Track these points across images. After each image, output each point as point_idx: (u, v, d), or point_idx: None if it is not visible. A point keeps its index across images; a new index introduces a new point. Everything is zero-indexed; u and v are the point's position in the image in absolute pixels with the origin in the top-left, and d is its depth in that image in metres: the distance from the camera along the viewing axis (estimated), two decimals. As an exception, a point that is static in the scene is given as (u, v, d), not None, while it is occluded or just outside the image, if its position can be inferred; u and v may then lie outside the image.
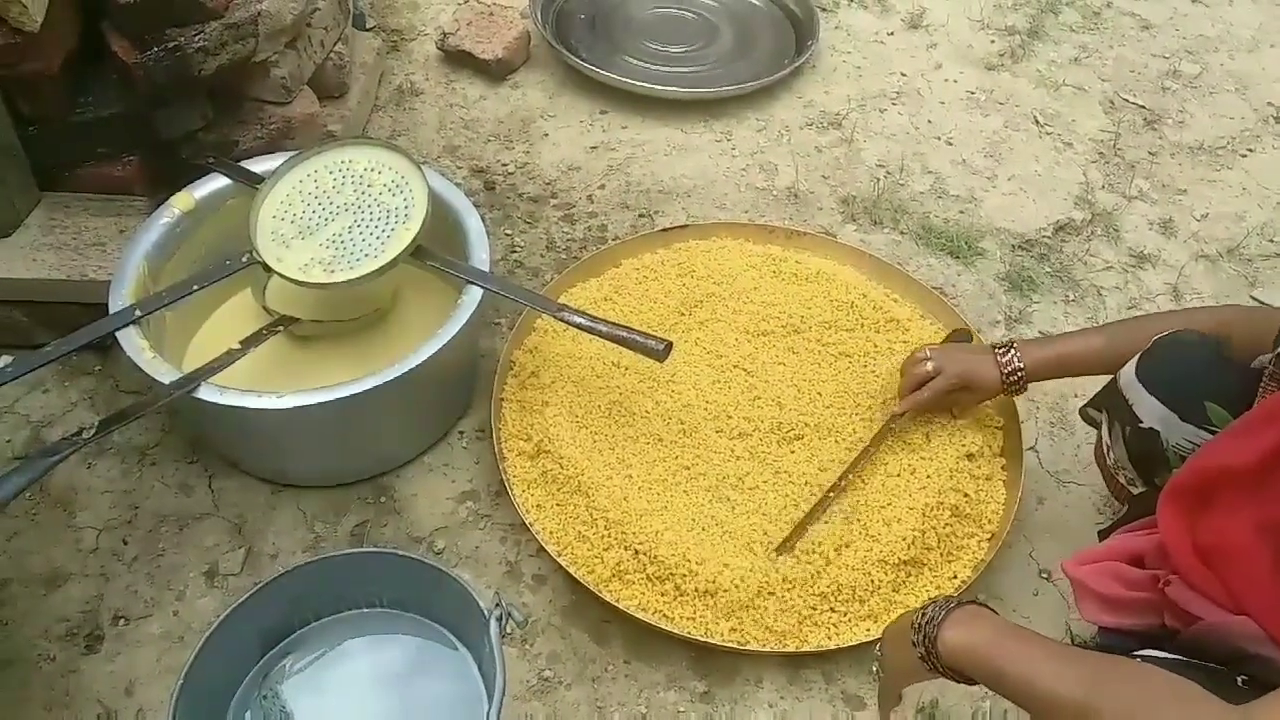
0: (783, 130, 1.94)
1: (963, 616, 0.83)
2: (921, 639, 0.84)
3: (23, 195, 1.42)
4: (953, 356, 1.33)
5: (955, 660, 0.82)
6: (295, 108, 1.57)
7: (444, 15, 2.08)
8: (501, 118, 1.92)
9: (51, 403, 1.42)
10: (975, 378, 1.28)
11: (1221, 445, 0.90)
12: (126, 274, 1.29)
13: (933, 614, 0.84)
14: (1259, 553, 0.79)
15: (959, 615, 0.83)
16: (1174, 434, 1.02)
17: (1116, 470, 1.13)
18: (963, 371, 1.30)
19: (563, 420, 1.37)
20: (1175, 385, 1.03)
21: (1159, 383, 1.04)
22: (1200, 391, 1.00)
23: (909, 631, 0.86)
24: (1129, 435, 1.08)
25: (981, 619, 0.83)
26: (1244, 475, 0.82)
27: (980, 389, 1.29)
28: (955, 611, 0.83)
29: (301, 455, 1.33)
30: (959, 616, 0.83)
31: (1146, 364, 1.07)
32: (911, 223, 1.78)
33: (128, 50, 1.37)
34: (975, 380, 1.29)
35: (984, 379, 1.28)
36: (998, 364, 1.26)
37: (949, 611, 0.83)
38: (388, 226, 1.34)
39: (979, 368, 1.28)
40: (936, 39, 2.18)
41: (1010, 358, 1.26)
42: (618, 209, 1.78)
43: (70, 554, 1.28)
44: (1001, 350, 1.27)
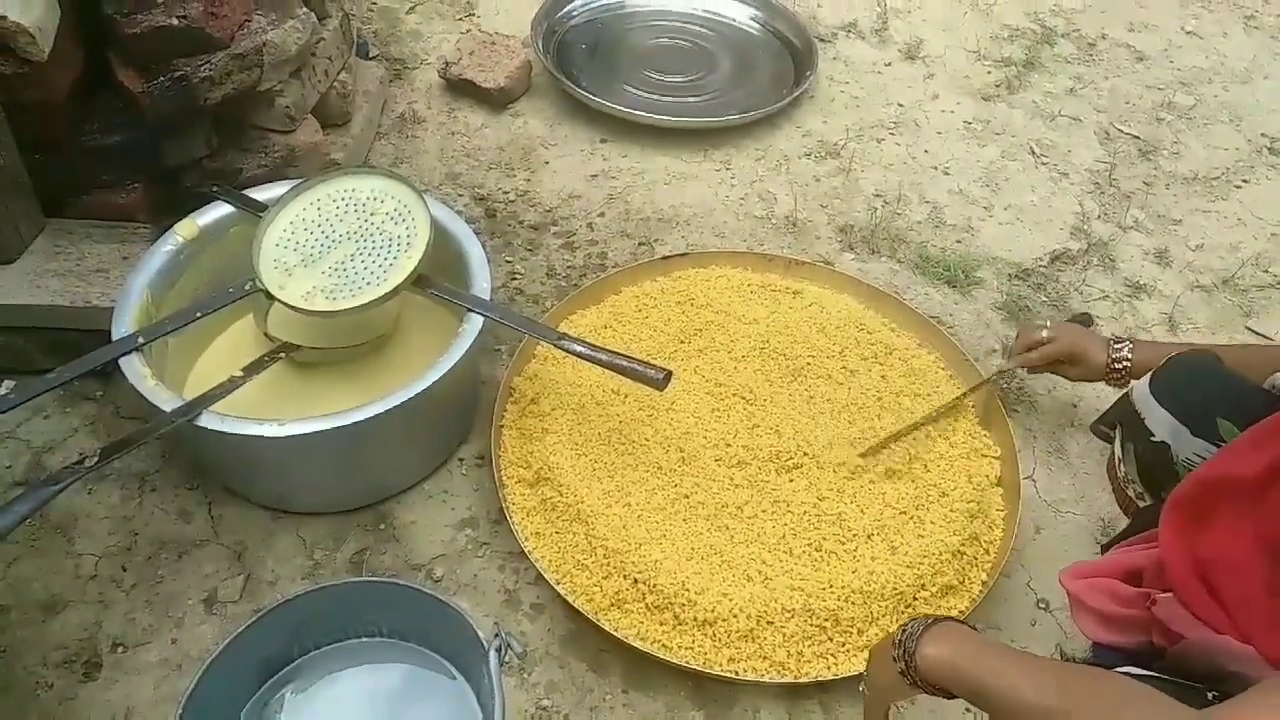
0: (781, 159, 1.96)
1: (940, 632, 0.84)
2: (901, 654, 0.85)
3: (27, 221, 1.43)
4: (1068, 329, 1.41)
5: (934, 674, 0.83)
6: (299, 136, 1.58)
7: (446, 44, 2.11)
8: (503, 145, 1.94)
9: (53, 428, 1.43)
10: (1083, 354, 1.36)
11: (1225, 458, 0.91)
12: (129, 301, 1.30)
13: (912, 630, 0.86)
14: (1254, 566, 0.80)
15: (936, 631, 0.84)
16: (1184, 448, 1.04)
17: (1126, 484, 1.14)
18: (1074, 343, 1.37)
19: (562, 448, 1.37)
20: (1188, 399, 1.05)
21: (1172, 396, 1.06)
22: (1213, 407, 1.02)
23: (890, 648, 0.87)
24: (1140, 449, 1.10)
25: (958, 634, 0.84)
26: (1245, 488, 0.84)
27: (1085, 366, 1.36)
28: (933, 627, 0.85)
29: (301, 482, 1.34)
30: (936, 632, 0.84)
31: (1161, 378, 1.09)
32: (909, 252, 1.79)
33: (134, 79, 1.39)
34: (1083, 357, 1.36)
35: (1092, 358, 1.35)
36: (1109, 350, 1.32)
37: (927, 628, 0.85)
38: (390, 255, 1.35)
39: (1090, 347, 1.35)
40: (934, 70, 2.20)
41: (1122, 349, 1.32)
42: (618, 237, 1.79)
43: (69, 581, 1.27)
44: (1117, 343, 1.33)
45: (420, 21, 2.19)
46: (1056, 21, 2.35)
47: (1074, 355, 1.36)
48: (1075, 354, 1.36)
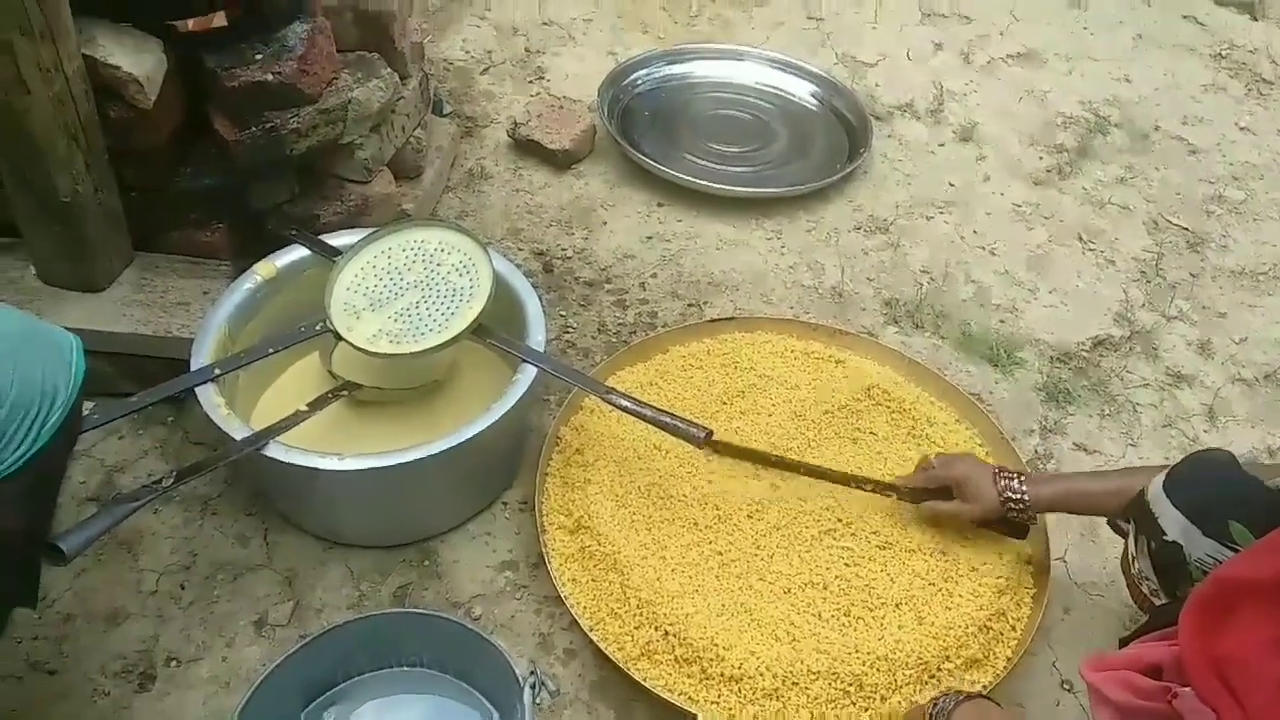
0: (831, 232, 2.02)
1: (970, 710, 0.86)
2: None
3: (119, 254, 1.53)
4: (962, 460, 1.38)
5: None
6: (374, 187, 1.68)
7: (516, 106, 2.21)
8: (564, 205, 2.02)
9: (125, 449, 1.51)
10: (970, 487, 1.33)
11: (1246, 559, 0.93)
12: (208, 334, 1.39)
13: (943, 705, 0.87)
14: (1273, 668, 0.81)
15: (967, 708, 0.86)
16: (1196, 548, 1.06)
17: (1140, 580, 1.16)
18: (964, 474, 1.34)
19: (603, 498, 1.42)
20: (1199, 500, 1.07)
21: (1184, 496, 1.08)
22: (1224, 509, 1.04)
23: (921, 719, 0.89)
24: (1154, 547, 1.11)
25: (988, 714, 0.86)
26: (1265, 589, 0.86)
27: (975, 500, 1.33)
28: (964, 704, 0.86)
29: (354, 515, 1.40)
30: (967, 709, 0.86)
31: (1174, 478, 1.11)
32: (952, 329, 1.83)
33: (228, 128, 1.49)
34: (969, 490, 1.33)
35: (980, 492, 1.32)
36: (996, 482, 1.31)
37: (958, 704, 0.86)
38: (453, 304, 1.42)
39: (979, 480, 1.32)
40: (986, 152, 2.26)
41: (1009, 483, 1.30)
42: (668, 298, 1.85)
43: (131, 594, 1.35)
44: (1006, 475, 1.31)
45: (493, 83, 2.30)
46: (1110, 111, 2.40)
47: (961, 485, 1.34)
48: (962, 484, 1.34)
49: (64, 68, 1.30)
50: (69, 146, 1.35)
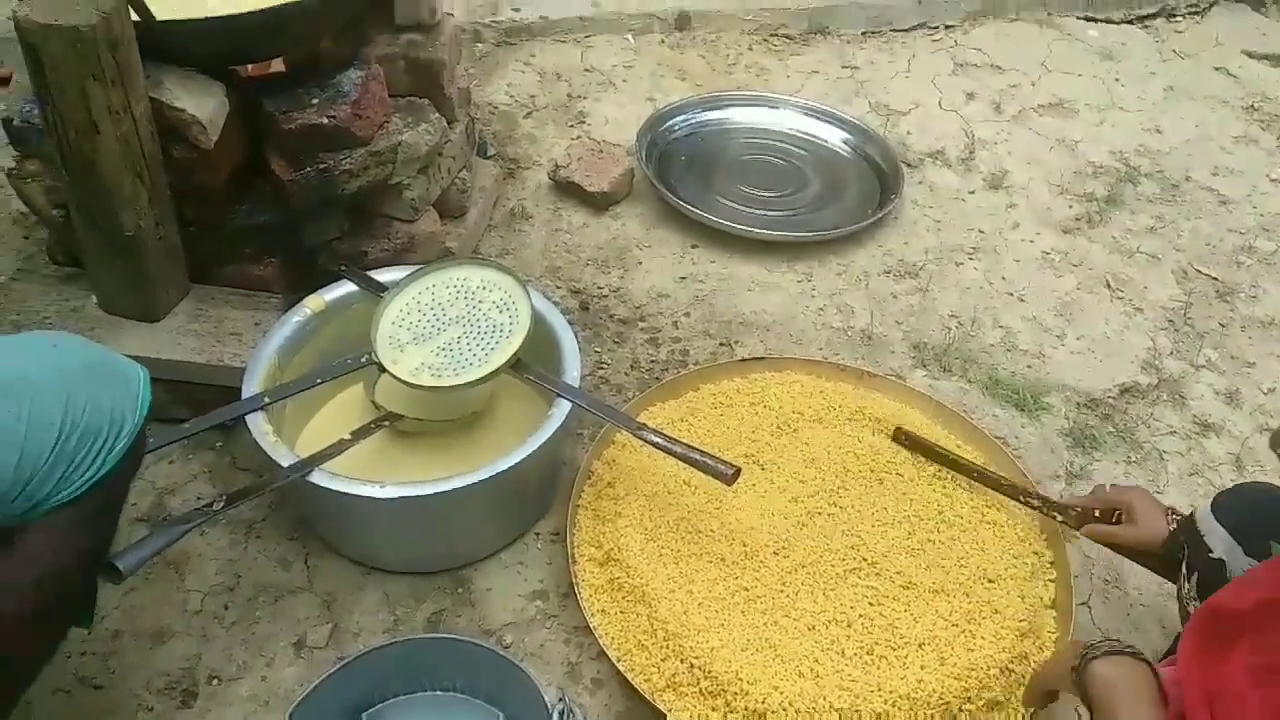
0: (861, 275, 2.06)
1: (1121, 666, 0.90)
2: None
3: (176, 286, 1.60)
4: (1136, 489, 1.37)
5: None
6: (420, 225, 1.74)
7: (558, 149, 2.28)
8: (601, 244, 2.08)
9: (175, 472, 1.57)
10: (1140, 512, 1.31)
11: (1232, 588, 0.96)
12: (259, 364, 1.45)
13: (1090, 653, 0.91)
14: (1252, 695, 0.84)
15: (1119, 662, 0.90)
16: (1238, 566, 1.08)
17: (1188, 601, 1.18)
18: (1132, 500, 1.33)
19: (633, 531, 1.46)
20: (1246, 519, 1.10)
21: (1231, 516, 1.12)
22: (1267, 528, 1.06)
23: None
24: (1201, 565, 1.14)
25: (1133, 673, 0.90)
26: (1246, 619, 0.88)
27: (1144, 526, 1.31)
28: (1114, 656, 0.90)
29: (392, 542, 1.45)
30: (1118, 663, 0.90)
31: (1223, 497, 1.15)
32: (979, 373, 1.86)
33: (284, 168, 1.56)
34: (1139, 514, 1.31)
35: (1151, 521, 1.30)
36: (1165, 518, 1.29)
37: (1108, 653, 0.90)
38: (492, 340, 1.48)
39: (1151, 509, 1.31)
40: (1016, 200, 2.29)
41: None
42: (700, 336, 1.90)
43: (177, 613, 1.40)
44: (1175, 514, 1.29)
45: (535, 126, 2.37)
46: (1141, 161, 2.43)
47: (1131, 509, 1.33)
48: (1133, 508, 1.33)
49: (132, 110, 1.38)
50: (134, 184, 1.43)
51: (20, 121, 1.51)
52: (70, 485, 0.92)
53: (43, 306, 1.59)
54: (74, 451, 0.91)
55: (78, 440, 0.92)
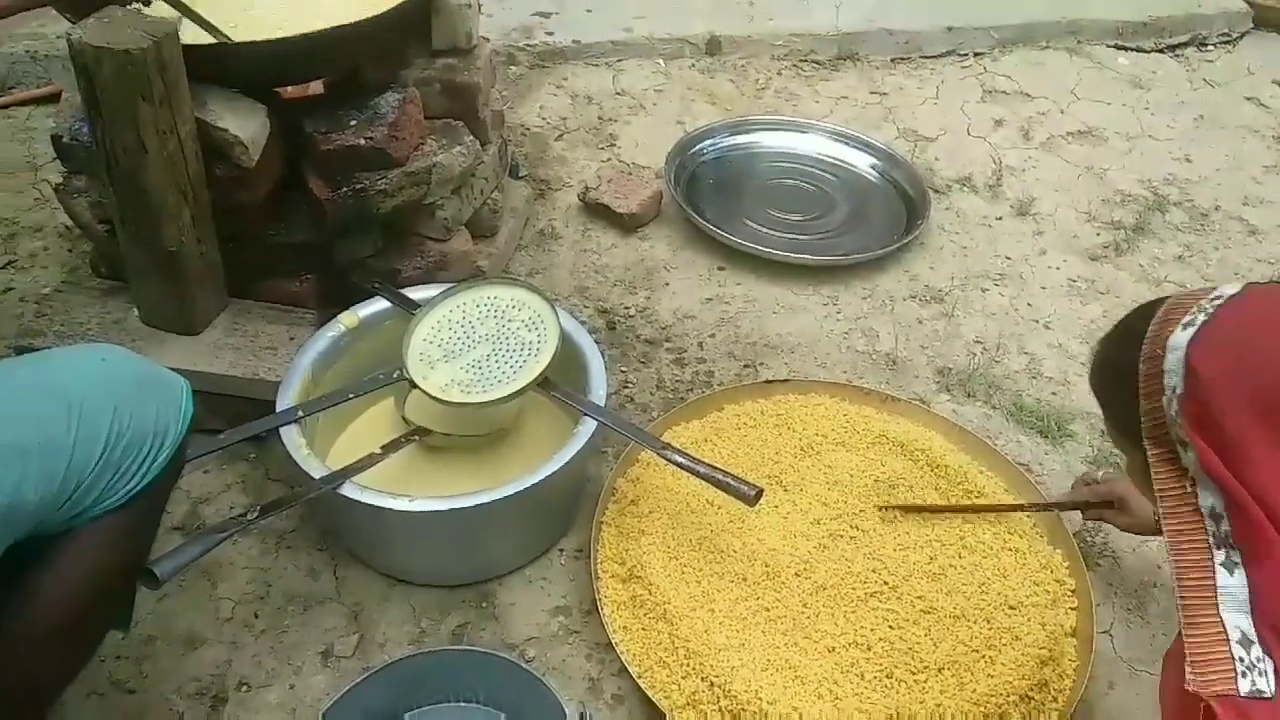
0: (887, 300, 2.07)
1: None
2: None
3: (215, 301, 1.65)
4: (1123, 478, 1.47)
5: None
6: (452, 244, 1.78)
7: (588, 171, 2.31)
8: (629, 265, 2.11)
9: (210, 482, 1.61)
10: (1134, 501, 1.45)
11: None
12: (293, 378, 1.49)
13: None
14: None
15: None
16: None
17: None
18: (1126, 490, 1.46)
19: (655, 549, 1.48)
20: None
21: None
22: None
23: None
24: None
25: None
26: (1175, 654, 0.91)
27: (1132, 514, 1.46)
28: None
29: (419, 555, 1.48)
30: None
31: None
32: (1004, 399, 1.86)
33: (321, 188, 1.60)
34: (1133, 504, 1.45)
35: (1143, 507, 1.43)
36: None
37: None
38: (521, 358, 1.50)
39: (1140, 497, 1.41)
40: (1043, 227, 2.30)
41: None
42: (725, 358, 1.92)
43: (209, 620, 1.43)
44: None
45: (566, 149, 2.41)
46: (1170, 190, 2.43)
47: (1122, 500, 1.46)
48: (1124, 499, 1.46)
49: (178, 130, 1.42)
50: (178, 202, 1.47)
51: (69, 139, 1.56)
52: (114, 493, 0.95)
53: (86, 318, 1.63)
54: (119, 461, 0.95)
55: (123, 450, 0.95)
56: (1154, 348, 0.92)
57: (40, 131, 2.30)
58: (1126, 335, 0.97)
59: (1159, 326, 0.92)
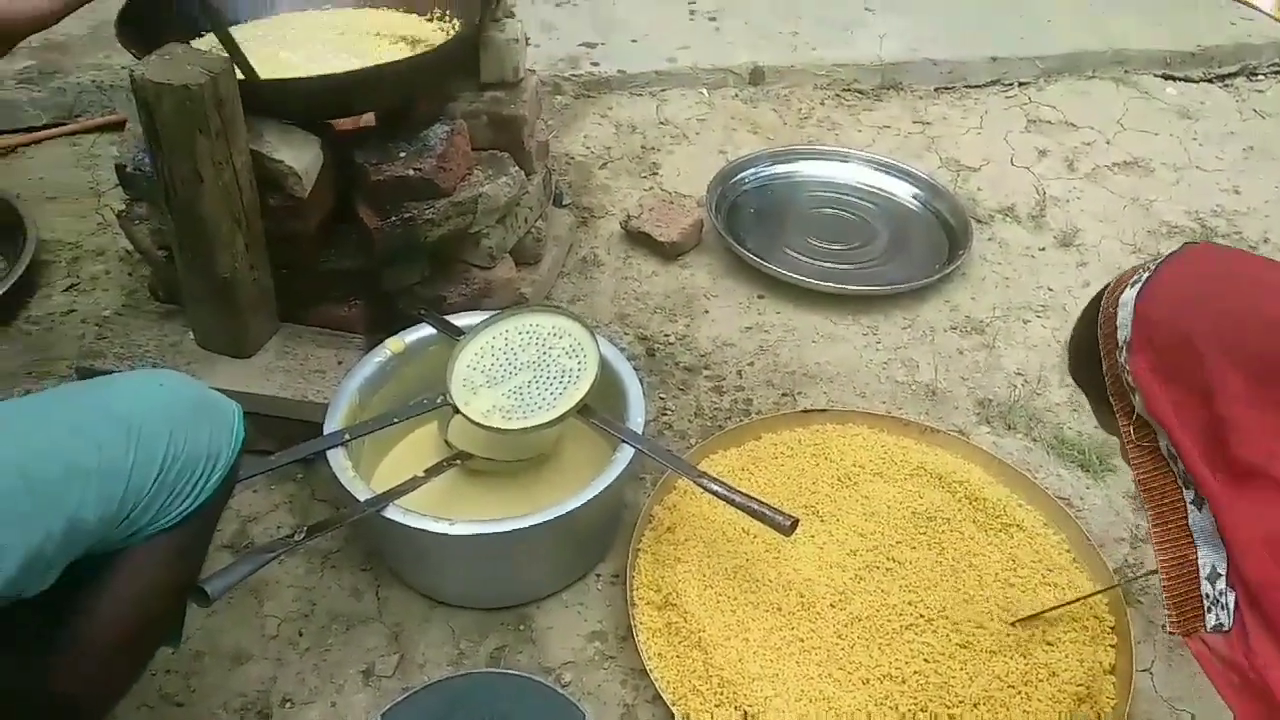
0: (927, 330, 2.07)
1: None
2: None
3: (267, 325, 1.69)
4: None
5: None
6: (496, 272, 1.82)
7: (630, 199, 2.35)
8: (669, 293, 2.13)
9: (258, 501, 1.65)
10: None
11: None
12: (341, 401, 1.53)
13: None
14: None
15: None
16: None
17: None
18: None
19: (691, 577, 1.49)
20: None
21: None
22: None
23: None
24: None
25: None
26: None
27: None
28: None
29: (459, 577, 1.50)
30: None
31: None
32: (1045, 432, 1.85)
33: (371, 217, 1.65)
34: None
35: None
36: None
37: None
38: (561, 385, 1.53)
39: None
40: (1087, 259, 2.29)
41: None
42: (763, 386, 1.93)
43: (255, 637, 1.47)
44: None
45: (610, 177, 2.45)
46: (1218, 222, 2.41)
47: None
48: None
49: (234, 161, 1.48)
50: (233, 230, 1.52)
51: (132, 169, 1.63)
52: (168, 514, 0.99)
53: (144, 341, 1.69)
54: (174, 483, 0.98)
55: (178, 473, 0.99)
56: (1108, 309, 0.99)
57: (104, 158, 2.39)
58: (1088, 312, 1.04)
59: (1110, 292, 1.01)
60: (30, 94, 2.50)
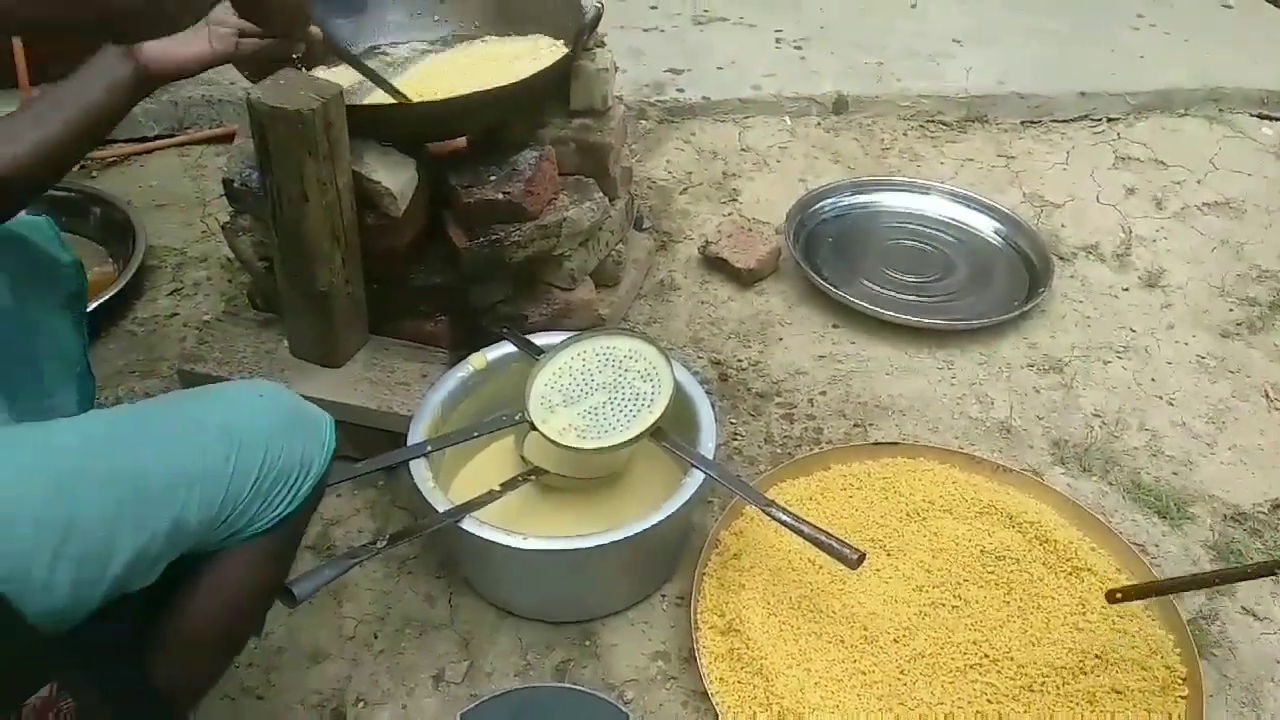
0: (1004, 367, 2.06)
1: None
2: None
3: (358, 337, 1.77)
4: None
5: None
6: (577, 293, 1.86)
7: (709, 225, 2.38)
8: (744, 319, 2.16)
9: (341, 506, 1.72)
10: None
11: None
12: (424, 414, 1.59)
13: None
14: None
15: None
16: None
17: None
18: None
19: (755, 604, 1.51)
20: None
21: None
22: None
23: None
24: None
25: None
26: None
27: None
28: None
29: (528, 590, 1.55)
30: None
31: None
32: (1121, 476, 1.83)
33: (460, 237, 1.71)
34: None
35: None
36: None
37: None
38: (635, 407, 1.57)
39: None
40: (1172, 300, 2.25)
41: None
42: (835, 416, 1.94)
43: (333, 637, 1.53)
44: None
45: (690, 202, 2.49)
46: (1312, 267, 2.35)
47: None
48: None
49: (337, 182, 1.55)
50: (331, 246, 1.60)
51: (240, 184, 1.71)
52: (263, 519, 1.05)
53: (242, 348, 1.78)
54: (269, 490, 1.04)
55: (273, 480, 1.05)
56: None
57: (210, 169, 2.51)
58: None
59: None
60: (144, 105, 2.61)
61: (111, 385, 1.92)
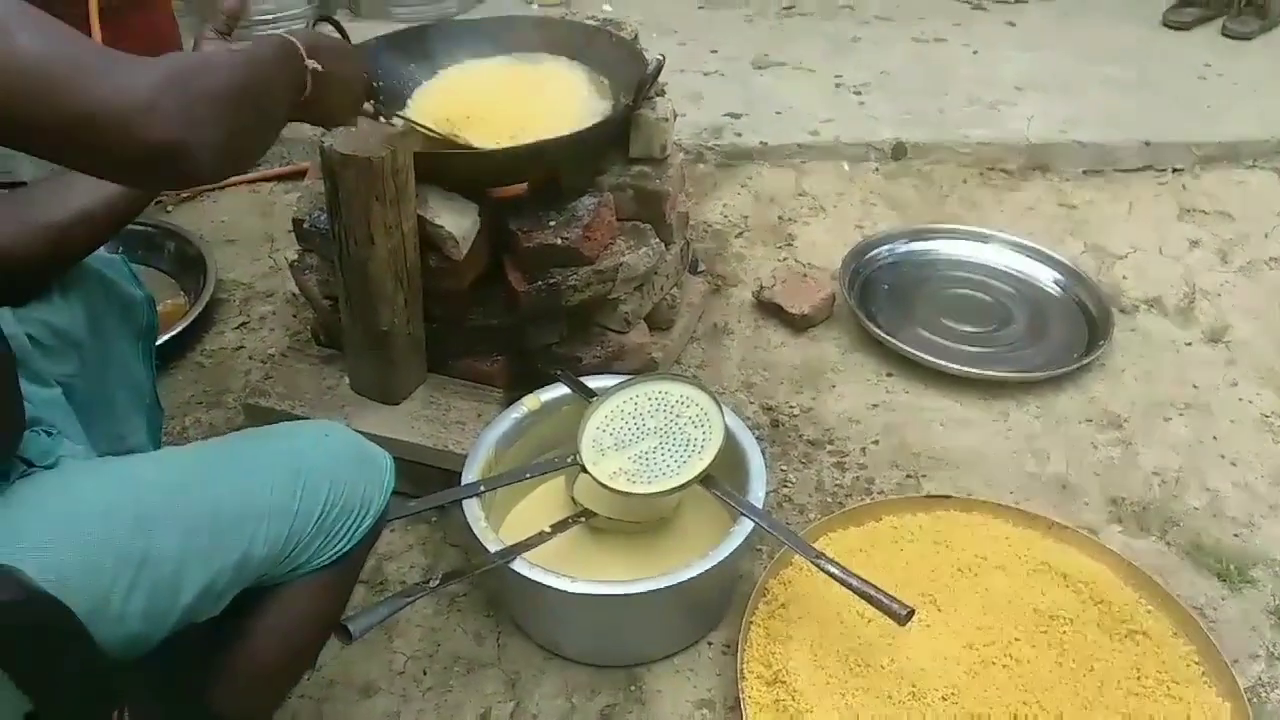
0: (1060, 421, 2.03)
1: None
2: None
3: (416, 375, 1.81)
4: None
5: None
6: (630, 336, 1.89)
7: (764, 270, 2.39)
8: (796, 364, 2.16)
9: (394, 541, 1.75)
10: None
11: None
12: (479, 453, 1.62)
13: None
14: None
15: None
16: None
17: None
18: None
19: (802, 655, 1.50)
20: None
21: None
22: None
23: None
24: None
25: None
26: None
27: None
28: None
29: (577, 632, 1.56)
30: None
31: None
32: (1180, 536, 1.79)
33: (519, 280, 1.75)
34: None
35: None
36: None
37: None
38: (686, 453, 1.58)
39: None
40: (1237, 356, 2.20)
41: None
42: (887, 466, 1.93)
43: (383, 671, 1.56)
44: None
45: (745, 246, 2.51)
46: (1384, 326, 2.28)
47: None
48: None
49: (402, 225, 1.60)
50: (395, 287, 1.64)
51: (309, 225, 1.77)
52: (324, 554, 1.08)
53: (305, 383, 1.83)
54: (331, 527, 1.08)
55: (335, 517, 1.08)
56: None
57: (280, 206, 2.60)
58: None
59: None
60: (220, 143, 2.73)
61: (179, 416, 1.99)
